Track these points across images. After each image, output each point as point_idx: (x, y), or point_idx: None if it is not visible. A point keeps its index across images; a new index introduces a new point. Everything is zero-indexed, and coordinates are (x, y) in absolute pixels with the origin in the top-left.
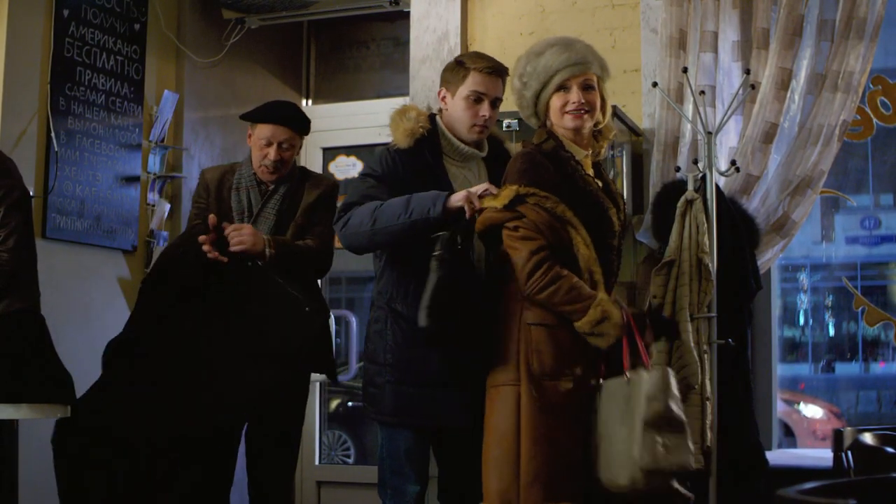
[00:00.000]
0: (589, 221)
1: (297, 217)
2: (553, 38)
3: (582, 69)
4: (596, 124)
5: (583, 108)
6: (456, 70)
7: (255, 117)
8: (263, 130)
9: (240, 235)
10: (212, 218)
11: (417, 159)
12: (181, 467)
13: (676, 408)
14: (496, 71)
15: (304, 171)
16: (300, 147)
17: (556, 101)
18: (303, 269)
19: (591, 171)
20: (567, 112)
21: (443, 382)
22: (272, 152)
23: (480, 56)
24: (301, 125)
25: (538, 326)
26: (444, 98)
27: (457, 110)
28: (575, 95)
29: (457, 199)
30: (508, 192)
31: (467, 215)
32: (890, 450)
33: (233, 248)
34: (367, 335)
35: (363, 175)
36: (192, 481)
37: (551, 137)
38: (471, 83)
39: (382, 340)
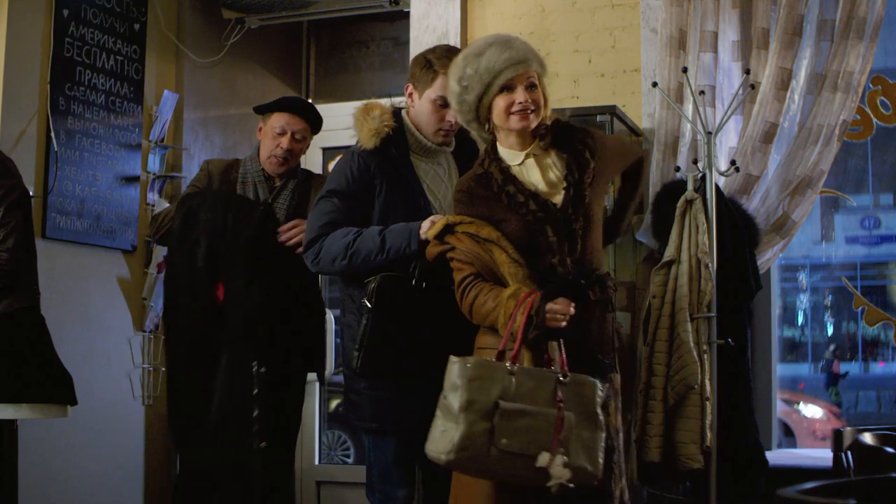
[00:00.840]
0: (520, 235)
1: (307, 214)
2: (489, 36)
3: (525, 67)
4: (542, 121)
5: (529, 108)
6: (426, 70)
7: (271, 107)
8: (278, 119)
9: (299, 231)
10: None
11: (384, 159)
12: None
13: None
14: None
15: (307, 171)
16: (308, 145)
17: (500, 102)
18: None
19: (539, 166)
20: (513, 113)
21: (420, 386)
22: (285, 141)
23: (450, 58)
24: (316, 119)
25: (486, 350)
26: (410, 95)
27: (423, 112)
28: (521, 95)
29: (424, 229)
30: (439, 224)
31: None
32: (890, 450)
33: (290, 243)
34: (341, 339)
35: (327, 193)
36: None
37: (486, 155)
38: (439, 87)
39: (356, 344)
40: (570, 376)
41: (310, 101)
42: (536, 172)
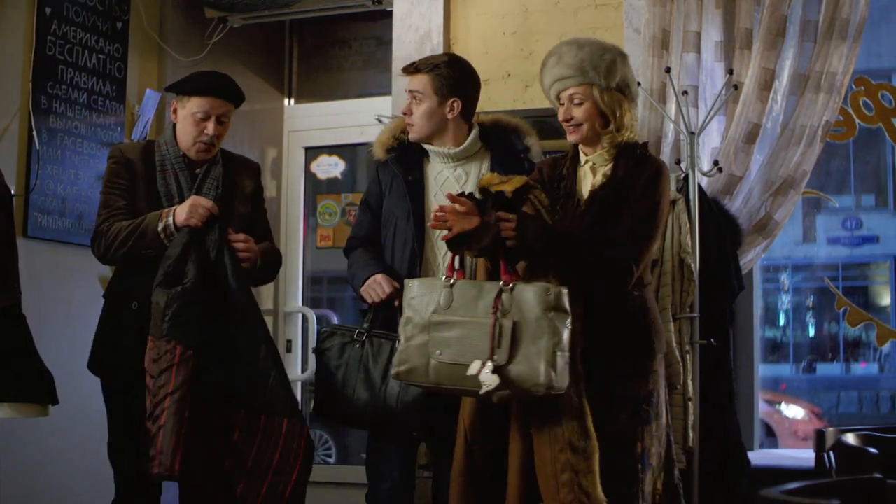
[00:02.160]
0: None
1: (237, 206)
2: (558, 45)
3: (565, 84)
4: (606, 129)
5: (568, 123)
6: None
7: (187, 89)
8: (200, 104)
9: (249, 250)
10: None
11: (391, 169)
12: None
13: None
14: (408, 70)
15: (227, 154)
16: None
17: (559, 113)
18: (269, 277)
19: (595, 173)
20: (562, 123)
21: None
22: (210, 127)
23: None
24: (238, 96)
25: None
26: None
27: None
28: (561, 112)
29: (362, 289)
30: (518, 180)
31: (368, 301)
32: (872, 450)
33: (243, 265)
34: None
35: (361, 200)
36: None
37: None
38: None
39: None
40: (516, 284)
41: (288, 101)
42: (589, 179)
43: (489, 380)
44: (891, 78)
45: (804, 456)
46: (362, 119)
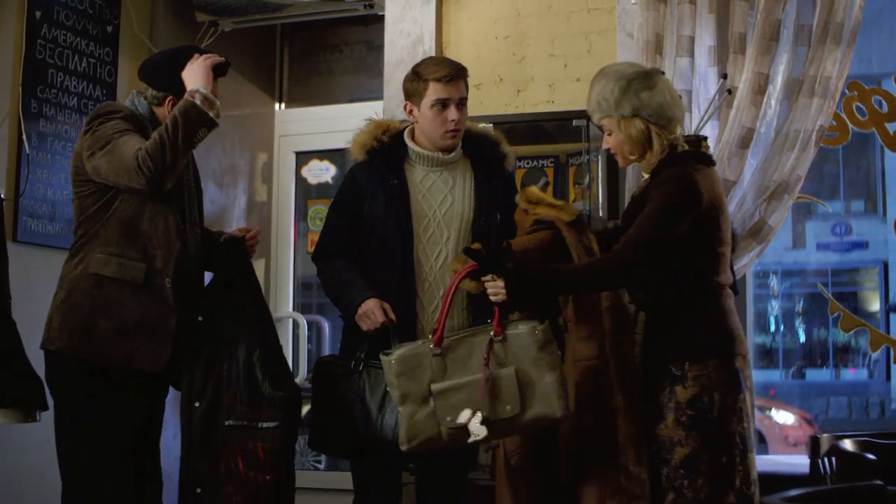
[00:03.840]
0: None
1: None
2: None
3: (594, 118)
4: (644, 153)
5: (611, 152)
6: (416, 82)
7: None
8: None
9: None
10: None
11: (373, 172)
12: None
13: None
14: (454, 77)
15: None
16: None
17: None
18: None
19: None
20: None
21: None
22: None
23: (437, 63)
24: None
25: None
26: (411, 112)
27: (426, 122)
28: (605, 141)
29: (356, 317)
30: (572, 209)
31: (364, 329)
32: (870, 456)
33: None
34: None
35: (333, 203)
36: None
37: None
38: (433, 92)
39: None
40: (505, 333)
41: (278, 105)
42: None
43: (478, 430)
44: (881, 83)
45: (798, 462)
46: (353, 124)
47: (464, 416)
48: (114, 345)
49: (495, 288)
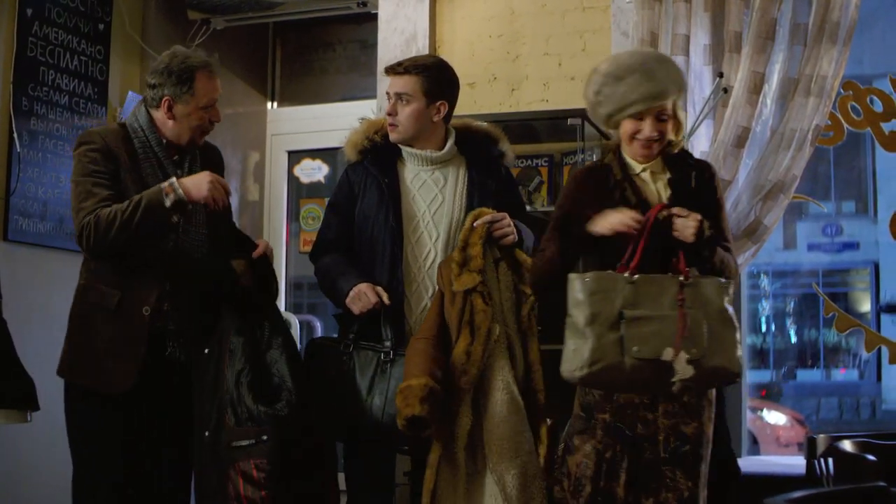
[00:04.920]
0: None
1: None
2: (636, 59)
3: (660, 101)
4: (668, 143)
5: (653, 140)
6: None
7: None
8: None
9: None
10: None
11: (364, 171)
12: None
13: None
14: (389, 71)
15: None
16: None
17: (627, 126)
18: None
19: (655, 180)
20: (637, 140)
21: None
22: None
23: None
24: None
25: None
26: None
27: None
28: (647, 128)
29: (347, 301)
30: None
31: (356, 312)
32: (870, 457)
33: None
34: None
35: (329, 202)
36: None
37: (612, 151)
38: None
39: None
40: (693, 278)
41: (271, 104)
42: (650, 187)
43: (683, 370)
44: (872, 83)
45: (793, 463)
46: (346, 123)
47: (667, 353)
48: (88, 369)
49: (685, 223)
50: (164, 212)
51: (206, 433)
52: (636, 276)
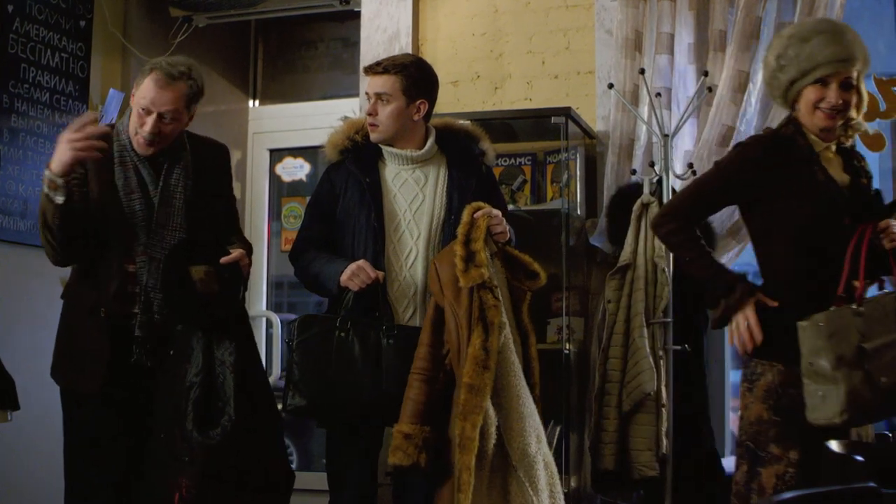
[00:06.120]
0: (813, 213)
1: (211, 203)
2: (822, 22)
3: (846, 66)
4: (848, 120)
5: (837, 108)
6: None
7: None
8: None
9: (245, 264)
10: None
11: (345, 171)
12: None
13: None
14: (367, 71)
15: (190, 135)
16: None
17: (810, 94)
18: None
19: (831, 164)
20: (820, 109)
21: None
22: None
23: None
24: None
25: None
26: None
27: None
28: (832, 95)
29: (344, 278)
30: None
31: (354, 289)
32: (859, 458)
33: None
34: None
35: (309, 202)
36: None
37: (791, 123)
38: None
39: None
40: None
41: (252, 102)
42: (832, 166)
43: None
44: None
45: None
46: (328, 121)
47: None
48: (64, 369)
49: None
50: (55, 206)
51: (162, 435)
52: (861, 307)
